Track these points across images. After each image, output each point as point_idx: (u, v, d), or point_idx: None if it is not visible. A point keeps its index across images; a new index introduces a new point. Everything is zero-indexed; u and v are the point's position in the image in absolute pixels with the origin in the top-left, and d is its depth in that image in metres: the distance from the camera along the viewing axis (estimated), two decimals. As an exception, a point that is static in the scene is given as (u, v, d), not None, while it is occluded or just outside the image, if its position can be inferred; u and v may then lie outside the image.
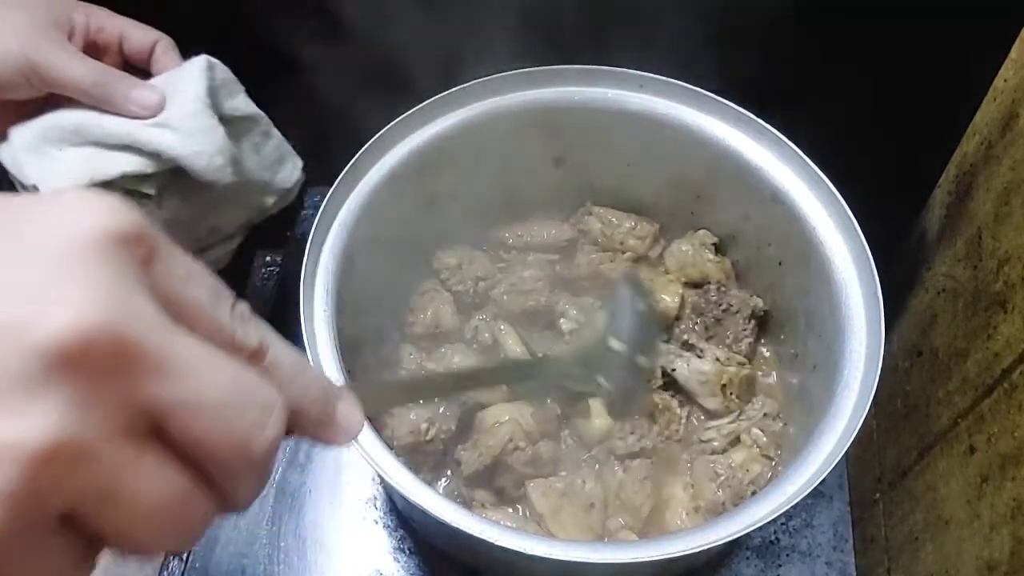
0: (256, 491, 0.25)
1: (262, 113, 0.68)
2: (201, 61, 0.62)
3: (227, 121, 0.64)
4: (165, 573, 0.73)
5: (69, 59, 0.59)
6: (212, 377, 0.22)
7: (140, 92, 0.61)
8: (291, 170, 0.71)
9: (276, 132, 0.70)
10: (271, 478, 0.77)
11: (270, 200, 0.71)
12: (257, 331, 0.25)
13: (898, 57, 0.73)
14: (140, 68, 0.66)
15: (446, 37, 0.72)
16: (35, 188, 0.61)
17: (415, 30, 0.74)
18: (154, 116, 0.60)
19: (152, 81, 0.63)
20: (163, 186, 0.63)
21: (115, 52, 0.65)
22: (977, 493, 0.62)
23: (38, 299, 0.20)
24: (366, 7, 0.77)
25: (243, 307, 0.25)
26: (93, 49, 0.63)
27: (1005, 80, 0.65)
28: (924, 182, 0.78)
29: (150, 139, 0.60)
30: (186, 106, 0.60)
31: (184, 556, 0.74)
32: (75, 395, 0.19)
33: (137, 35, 0.65)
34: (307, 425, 0.27)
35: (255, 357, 0.25)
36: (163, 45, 0.65)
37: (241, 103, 0.65)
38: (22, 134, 0.61)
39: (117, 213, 0.21)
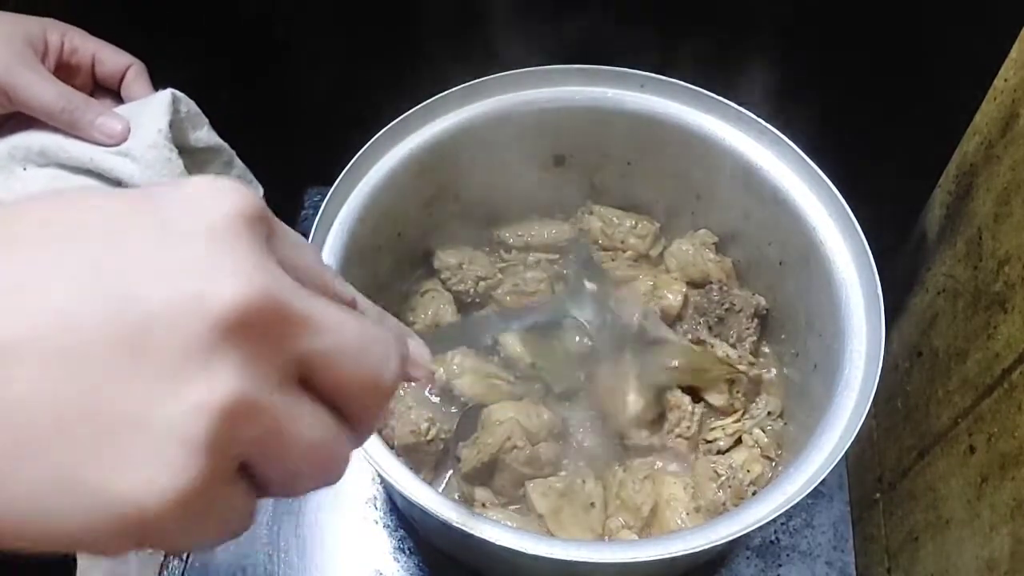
0: (380, 421, 0.29)
1: (224, 144, 0.69)
2: (166, 95, 0.63)
3: (190, 152, 0.65)
4: (165, 573, 0.73)
5: (40, 81, 0.60)
6: (343, 327, 0.25)
7: (106, 120, 0.61)
8: None
9: (239, 162, 0.71)
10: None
11: None
12: (346, 286, 0.29)
13: (898, 57, 0.73)
14: (111, 91, 0.67)
15: (447, 36, 0.72)
16: None
17: (416, 29, 0.74)
18: (118, 144, 0.61)
19: (118, 110, 0.64)
20: None
21: (87, 74, 0.65)
22: (977, 493, 0.62)
23: (203, 276, 0.22)
24: (368, 6, 0.78)
25: (332, 266, 0.29)
26: (65, 69, 0.63)
27: (1005, 80, 0.65)
28: (924, 182, 0.78)
29: (112, 167, 0.61)
30: (148, 138, 0.61)
31: (184, 556, 0.74)
32: (245, 355, 0.22)
33: (110, 58, 0.65)
34: None
35: (351, 306, 0.28)
36: (135, 70, 0.66)
37: (204, 135, 0.67)
38: None
39: (245, 196, 0.24)
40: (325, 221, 0.65)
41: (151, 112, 0.62)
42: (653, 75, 0.72)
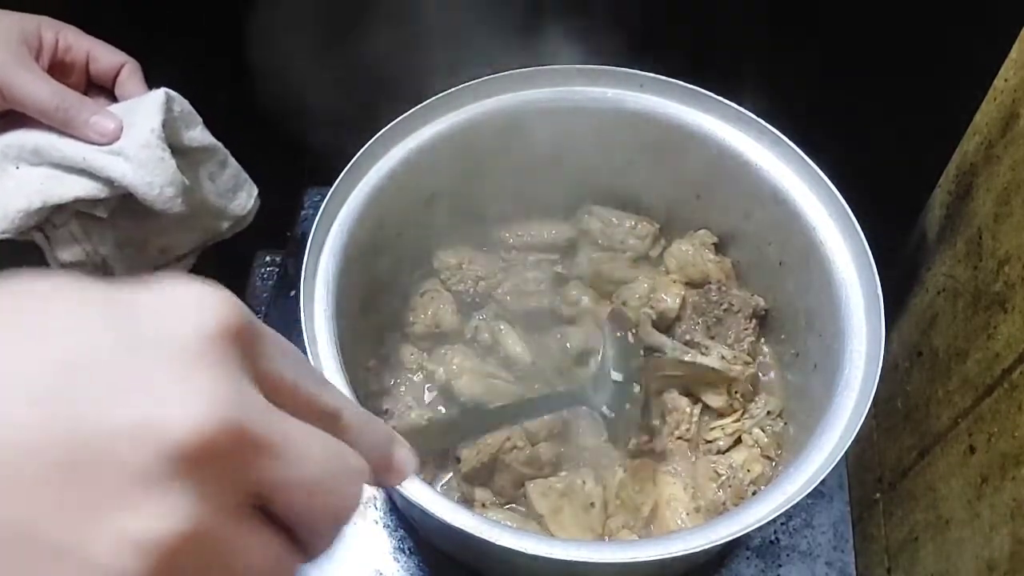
0: (334, 543, 0.27)
1: (219, 144, 0.69)
2: (160, 94, 0.63)
3: (184, 151, 0.65)
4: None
5: (34, 80, 0.60)
6: (313, 456, 0.24)
7: (99, 119, 0.61)
8: (245, 198, 0.73)
9: (233, 162, 0.72)
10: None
11: (224, 225, 0.73)
12: (332, 393, 0.27)
13: (898, 57, 0.73)
14: (105, 88, 0.67)
15: (446, 36, 0.72)
16: None
17: (416, 29, 0.74)
18: (111, 143, 0.61)
19: (112, 108, 0.64)
20: (115, 209, 0.65)
21: (81, 72, 0.65)
22: (977, 493, 0.62)
23: (162, 399, 0.21)
24: (368, 7, 0.77)
25: (320, 372, 0.27)
26: (59, 67, 0.63)
27: (1005, 80, 0.65)
28: (924, 182, 0.78)
29: (104, 166, 0.61)
30: (141, 137, 0.61)
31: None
32: (198, 488, 0.21)
33: (104, 57, 0.65)
34: (371, 472, 0.29)
35: (334, 418, 0.27)
36: (129, 68, 0.66)
37: (198, 134, 0.67)
38: None
39: (227, 307, 0.23)
40: (325, 221, 0.65)
41: (144, 111, 0.62)
42: (653, 75, 0.72)
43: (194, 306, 0.22)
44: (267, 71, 0.80)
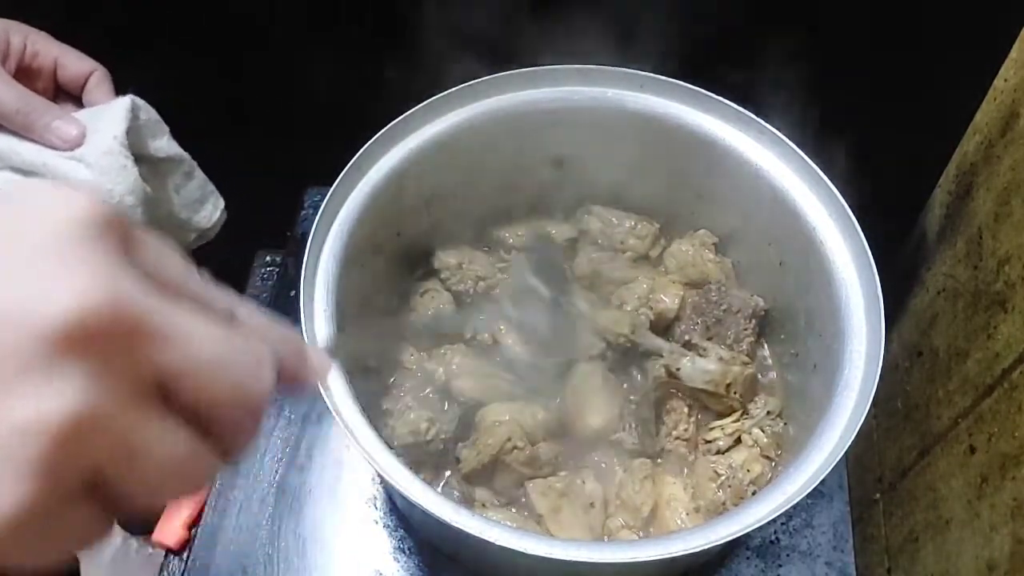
0: (252, 439, 0.26)
1: (185, 154, 0.68)
2: (125, 101, 0.62)
3: (149, 161, 0.64)
4: (165, 573, 0.73)
5: None
6: (206, 339, 0.24)
7: (61, 124, 0.61)
8: (211, 210, 0.72)
9: (199, 173, 0.70)
10: (272, 478, 0.77)
11: (190, 237, 0.72)
12: (223, 296, 0.27)
13: (899, 57, 0.73)
14: (75, 96, 0.66)
15: (447, 36, 0.72)
16: None
17: (416, 29, 0.74)
18: (72, 149, 0.61)
19: (77, 114, 0.63)
20: None
21: (49, 78, 0.64)
22: (977, 493, 0.62)
23: (36, 285, 0.21)
24: (368, 7, 0.78)
25: (205, 276, 0.27)
26: (26, 73, 0.63)
27: (1005, 80, 0.65)
28: (924, 182, 0.78)
29: (65, 172, 0.60)
30: (103, 144, 0.60)
31: (184, 556, 0.74)
32: (87, 370, 0.21)
33: (73, 64, 0.64)
34: (283, 372, 0.29)
35: (226, 314, 0.27)
36: (97, 76, 0.65)
37: (164, 144, 0.66)
38: None
39: (91, 202, 0.23)
40: (325, 221, 0.65)
41: (109, 118, 0.61)
42: (653, 75, 0.72)
43: (60, 199, 0.23)
44: (267, 70, 0.80)
